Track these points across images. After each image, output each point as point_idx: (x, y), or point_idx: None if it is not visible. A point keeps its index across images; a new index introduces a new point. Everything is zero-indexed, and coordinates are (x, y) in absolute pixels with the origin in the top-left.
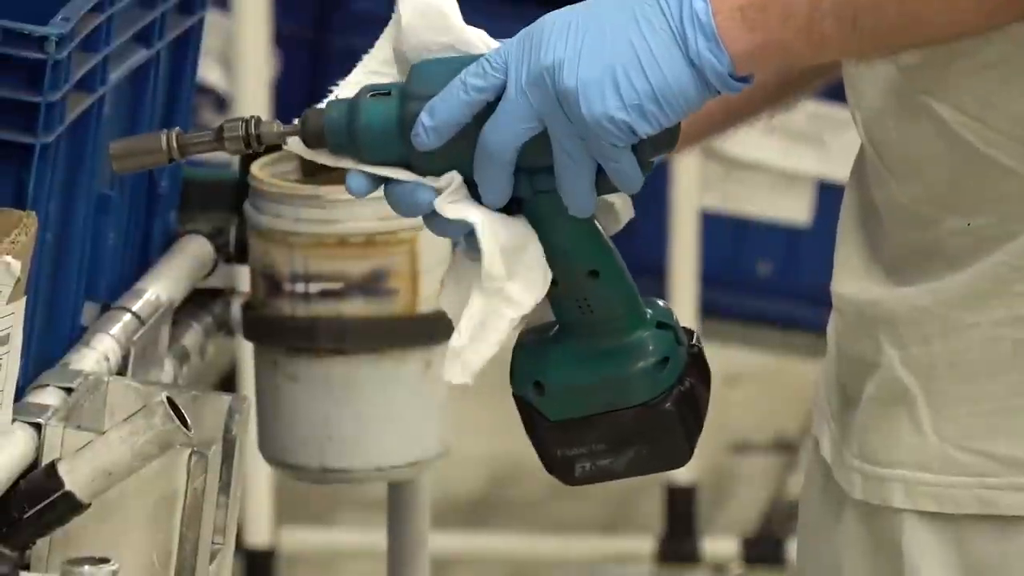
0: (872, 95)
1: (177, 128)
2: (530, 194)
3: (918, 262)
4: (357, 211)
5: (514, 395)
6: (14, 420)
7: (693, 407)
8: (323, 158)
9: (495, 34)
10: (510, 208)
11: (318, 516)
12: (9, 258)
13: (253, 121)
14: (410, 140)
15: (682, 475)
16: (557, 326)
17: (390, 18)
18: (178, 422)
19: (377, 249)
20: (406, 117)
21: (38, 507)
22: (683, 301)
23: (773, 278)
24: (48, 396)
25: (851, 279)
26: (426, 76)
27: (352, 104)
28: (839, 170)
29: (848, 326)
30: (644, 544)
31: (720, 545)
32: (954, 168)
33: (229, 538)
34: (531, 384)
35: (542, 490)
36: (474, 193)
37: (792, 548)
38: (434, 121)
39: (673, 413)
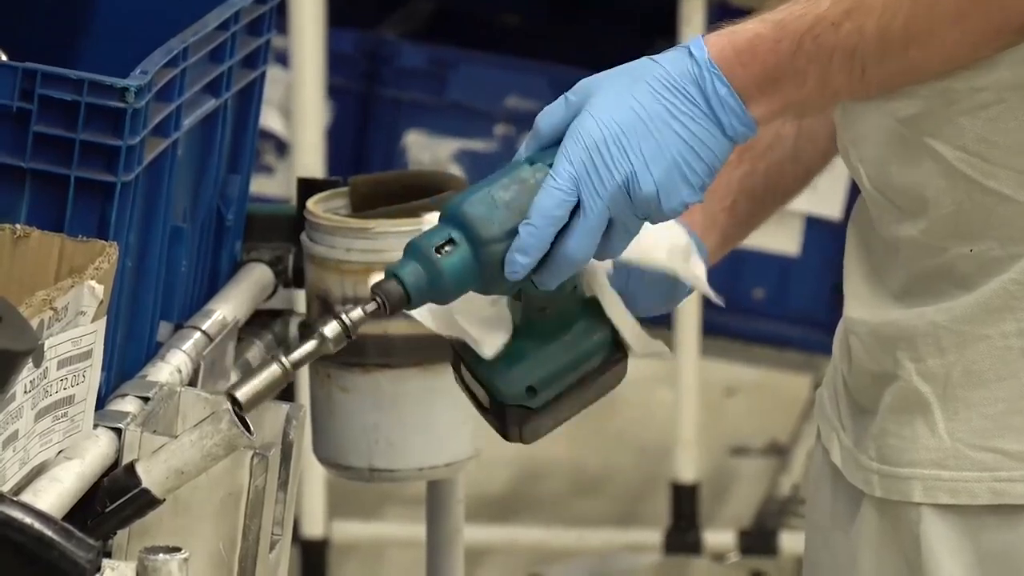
0: (874, 148)
1: (281, 356)
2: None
3: (929, 285)
4: (400, 242)
5: (506, 406)
6: (97, 426)
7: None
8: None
9: (521, 88)
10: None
11: (366, 511)
12: (93, 283)
13: (346, 318)
14: (487, 279)
15: (686, 475)
16: (510, 337)
17: (434, 72)
18: (242, 427)
19: None
20: (489, 262)
21: (118, 502)
22: (687, 322)
23: (766, 302)
24: (127, 404)
25: (862, 305)
26: (486, 219)
27: (426, 265)
28: (825, 208)
29: (864, 346)
30: (652, 536)
31: (720, 537)
32: (957, 201)
33: (287, 530)
34: (524, 390)
35: (563, 488)
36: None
37: (784, 540)
38: (530, 257)
39: (624, 365)
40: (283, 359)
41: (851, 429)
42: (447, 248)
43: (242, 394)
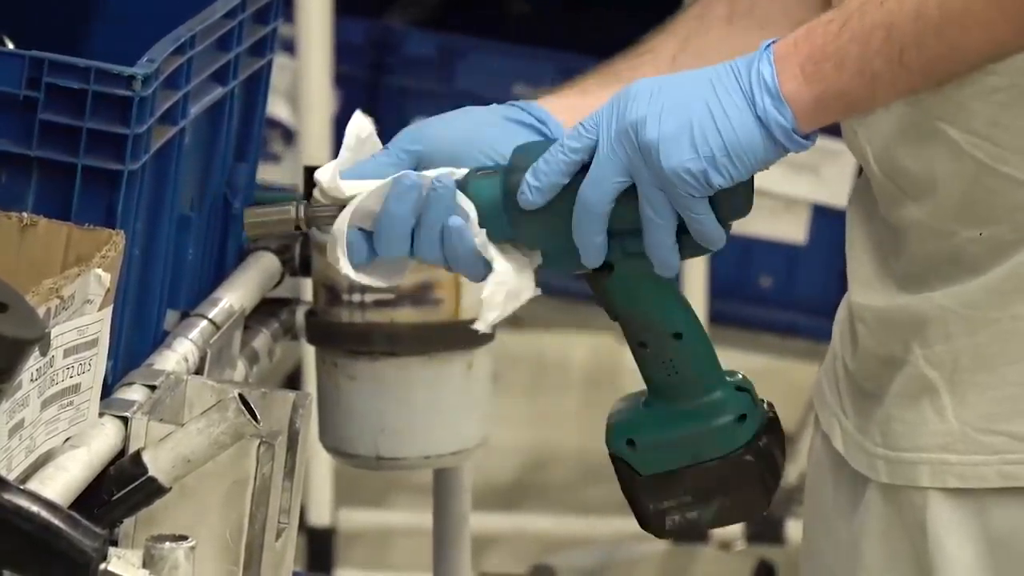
0: (884, 130)
1: (304, 202)
2: (620, 256)
3: (937, 269)
4: None
5: (610, 454)
6: (103, 414)
7: (770, 462)
8: None
9: (529, 76)
10: (601, 272)
11: (372, 499)
12: (100, 271)
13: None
14: (514, 211)
15: None
16: (646, 391)
17: (442, 61)
18: (248, 416)
19: (424, 264)
20: (511, 187)
21: (125, 490)
22: (695, 310)
23: (773, 290)
24: (134, 392)
25: (868, 291)
26: (525, 153)
27: (462, 183)
28: (832, 196)
29: (871, 331)
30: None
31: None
32: (967, 184)
33: (293, 518)
34: (624, 441)
35: (570, 476)
36: (567, 261)
37: (789, 528)
38: (538, 181)
39: (752, 464)
40: (299, 203)
41: (854, 415)
42: (487, 174)
43: (249, 216)
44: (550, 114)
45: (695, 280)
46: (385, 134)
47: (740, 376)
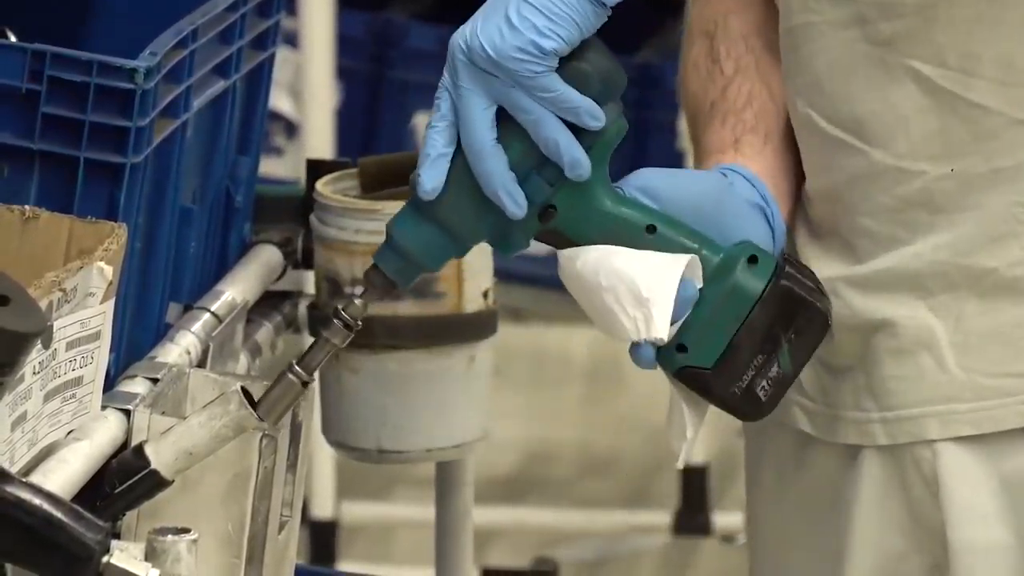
0: (842, 81)
1: (292, 363)
2: (551, 193)
3: (911, 220)
4: None
5: (674, 374)
6: (106, 407)
7: (805, 278)
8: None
9: None
10: (548, 221)
11: (375, 492)
12: (102, 264)
13: (343, 309)
14: (436, 219)
15: (695, 455)
16: None
17: (443, 54)
18: (251, 409)
19: None
20: (432, 212)
21: (127, 483)
22: None
23: None
24: (136, 385)
25: (840, 262)
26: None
27: (390, 241)
28: None
29: (847, 301)
30: (662, 518)
31: (729, 519)
32: (940, 118)
33: (296, 511)
34: (675, 351)
35: (571, 470)
36: (510, 234)
37: None
38: (424, 164)
39: (789, 287)
40: (297, 368)
41: (825, 394)
42: (401, 216)
43: (263, 411)
44: (765, 187)
45: None
46: (387, 127)
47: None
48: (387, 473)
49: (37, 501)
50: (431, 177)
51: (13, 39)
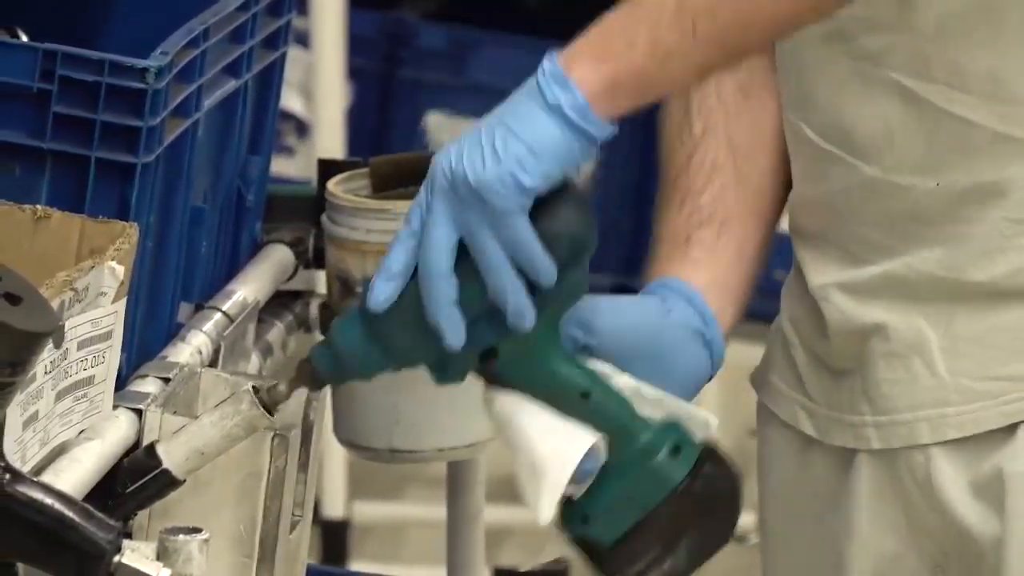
0: (827, 96)
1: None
2: (495, 337)
3: (901, 231)
4: None
5: (571, 540)
6: (117, 406)
7: (721, 485)
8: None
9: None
10: (488, 362)
11: (386, 491)
12: (114, 263)
13: (266, 391)
14: (379, 344)
15: None
16: None
17: (454, 53)
18: (262, 409)
19: None
20: (373, 325)
21: (139, 483)
22: None
23: None
24: (148, 385)
25: (834, 268)
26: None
27: (328, 342)
28: None
29: (841, 308)
30: None
31: (741, 519)
32: (925, 132)
33: (307, 511)
34: (579, 520)
35: None
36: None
37: None
38: (380, 277)
39: (702, 491)
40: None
41: (825, 396)
42: (346, 320)
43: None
44: (706, 304)
45: None
46: (398, 127)
47: (661, 417)
48: (398, 472)
49: (49, 500)
50: (383, 291)
51: (24, 38)
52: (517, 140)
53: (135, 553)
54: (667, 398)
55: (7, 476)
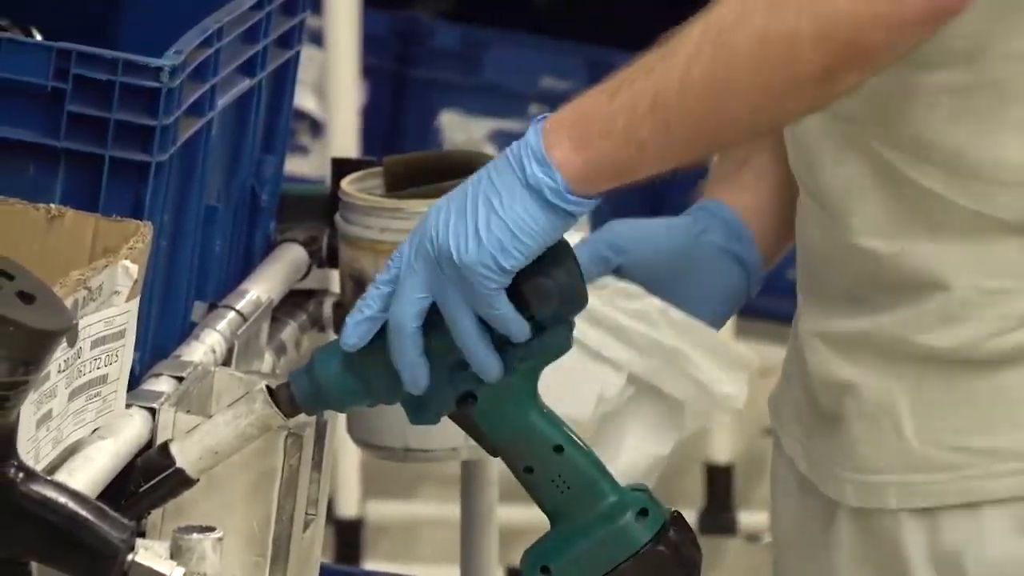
0: (811, 147)
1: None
2: (474, 383)
3: (872, 291)
4: None
5: None
6: (131, 405)
7: (684, 552)
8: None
9: (555, 68)
10: (466, 407)
11: (401, 490)
12: (127, 262)
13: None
14: (353, 366)
15: (721, 456)
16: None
17: (468, 53)
18: (276, 408)
19: None
20: (355, 363)
21: (152, 482)
22: None
23: None
24: (161, 384)
25: (817, 317)
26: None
27: (309, 369)
28: None
29: (822, 358)
30: (687, 517)
31: (754, 518)
32: (891, 198)
33: (321, 509)
34: (539, 570)
35: None
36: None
37: None
38: (355, 317)
39: (666, 554)
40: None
41: (819, 438)
42: (328, 349)
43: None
44: (743, 224)
45: None
46: (412, 126)
47: (631, 484)
48: (412, 472)
49: (62, 499)
50: (355, 334)
51: (39, 37)
52: (500, 221)
53: (148, 552)
54: (694, 324)
55: (20, 475)
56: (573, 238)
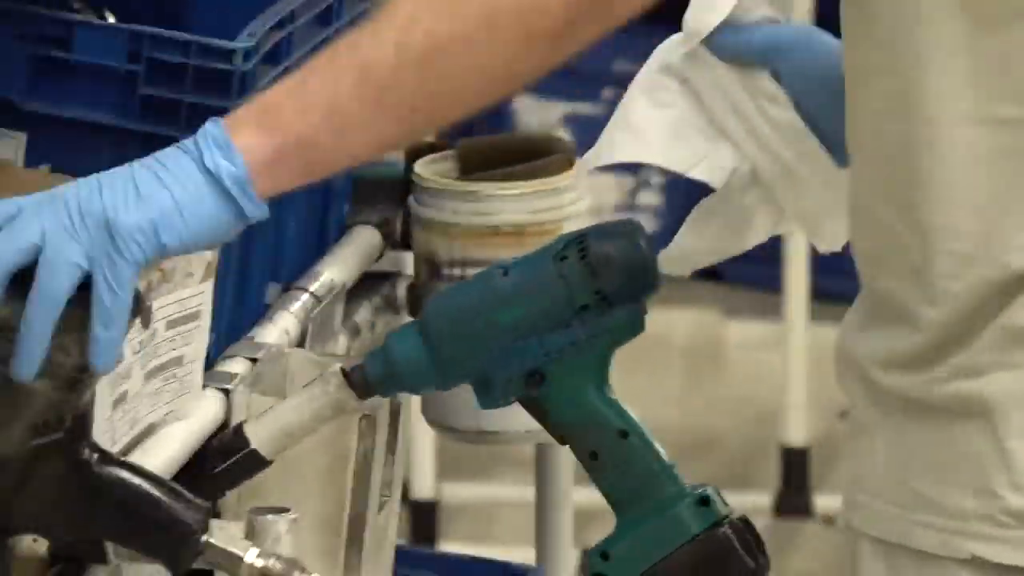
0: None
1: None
2: (544, 359)
3: (862, 308)
4: (509, 205)
5: (588, 574)
6: (206, 386)
7: (747, 536)
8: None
9: (629, 52)
10: (533, 386)
11: (476, 472)
12: None
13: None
14: (431, 359)
15: (796, 438)
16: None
17: None
18: (350, 390)
19: (526, 238)
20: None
21: (227, 463)
22: (797, 286)
23: None
24: (236, 365)
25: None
26: (436, 310)
27: (384, 351)
28: None
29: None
30: (762, 499)
31: (830, 501)
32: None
33: (395, 491)
34: (599, 556)
35: (672, 451)
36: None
37: None
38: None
39: (727, 537)
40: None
41: None
42: (403, 330)
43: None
44: None
45: (796, 255)
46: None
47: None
48: (488, 453)
49: (138, 481)
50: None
51: (112, 20)
52: (166, 192)
53: (223, 532)
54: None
55: (95, 456)
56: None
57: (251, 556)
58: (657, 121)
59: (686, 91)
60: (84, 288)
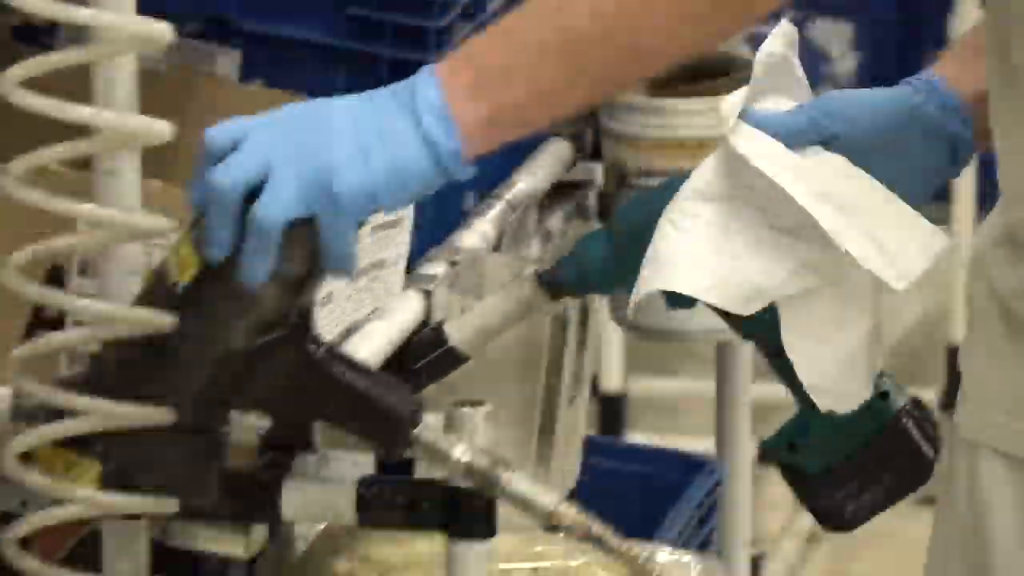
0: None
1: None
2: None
3: (1009, 244)
4: (693, 120)
5: (777, 463)
6: (407, 287)
7: (924, 427)
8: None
9: None
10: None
11: (662, 367)
12: None
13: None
14: (619, 261)
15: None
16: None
17: None
18: (543, 291)
19: (708, 150)
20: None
21: (427, 359)
22: (965, 186)
23: None
24: (436, 268)
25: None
26: (624, 211)
27: (576, 251)
28: None
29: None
30: (929, 395)
31: None
32: None
33: (584, 386)
34: (785, 446)
35: None
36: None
37: None
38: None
39: (907, 429)
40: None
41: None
42: (592, 238)
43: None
44: (960, 103)
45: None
46: None
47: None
48: (673, 350)
49: (357, 371)
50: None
51: None
52: (387, 155)
53: (427, 425)
54: (891, 199)
55: (319, 349)
56: (783, 106)
57: (458, 452)
58: (680, 248)
59: (720, 210)
60: None
